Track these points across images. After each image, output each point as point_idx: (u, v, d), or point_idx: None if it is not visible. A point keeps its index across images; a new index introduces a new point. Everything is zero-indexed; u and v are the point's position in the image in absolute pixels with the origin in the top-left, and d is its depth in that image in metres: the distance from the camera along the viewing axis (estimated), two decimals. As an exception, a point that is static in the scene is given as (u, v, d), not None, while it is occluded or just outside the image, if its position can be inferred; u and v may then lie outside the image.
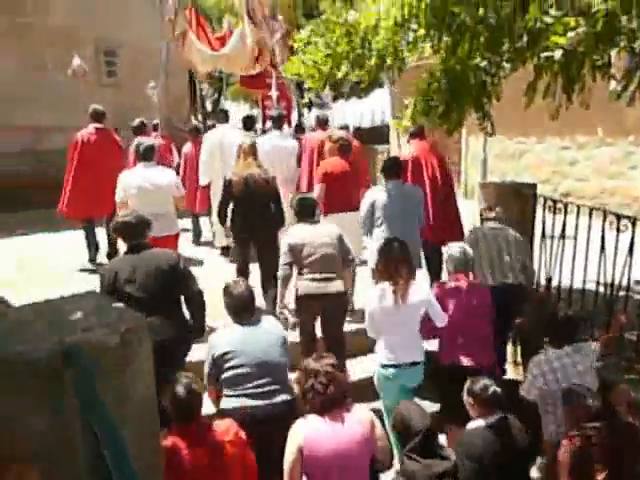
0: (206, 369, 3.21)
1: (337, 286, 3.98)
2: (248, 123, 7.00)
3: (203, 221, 7.49)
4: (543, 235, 5.02)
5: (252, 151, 4.93)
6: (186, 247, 6.72)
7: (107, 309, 1.86)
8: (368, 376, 3.91)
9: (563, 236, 4.88)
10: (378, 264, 3.63)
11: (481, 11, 3.48)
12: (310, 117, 15.17)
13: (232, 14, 11.00)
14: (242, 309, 3.27)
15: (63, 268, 6.20)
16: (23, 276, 5.91)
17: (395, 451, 3.14)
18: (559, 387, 3.19)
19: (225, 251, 6.54)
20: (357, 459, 2.62)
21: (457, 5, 3.52)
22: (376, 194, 4.67)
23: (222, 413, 3.02)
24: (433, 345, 3.84)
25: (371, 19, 3.50)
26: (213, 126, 7.23)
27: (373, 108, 18.09)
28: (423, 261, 4.97)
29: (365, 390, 3.86)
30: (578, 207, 4.79)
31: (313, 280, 3.96)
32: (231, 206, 4.84)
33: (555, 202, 4.86)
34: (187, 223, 7.42)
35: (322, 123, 6.77)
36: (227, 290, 3.33)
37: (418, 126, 5.09)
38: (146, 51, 10.23)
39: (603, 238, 4.48)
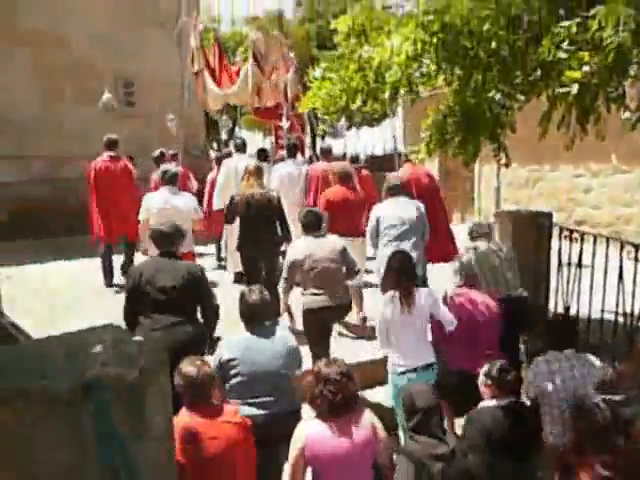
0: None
1: (339, 299, 4.18)
2: (262, 155, 7.51)
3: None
4: (560, 264, 4.99)
5: (256, 173, 5.28)
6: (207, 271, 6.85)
7: (126, 342, 1.88)
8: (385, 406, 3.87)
9: (580, 265, 4.84)
10: (384, 275, 3.82)
11: (493, 44, 3.54)
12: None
13: (245, 49, 11.32)
14: (252, 317, 3.33)
15: (80, 295, 6.26)
16: (43, 304, 5.95)
17: (401, 434, 3.26)
18: (554, 388, 3.23)
19: (239, 277, 6.61)
20: (359, 462, 2.67)
21: (469, 39, 3.58)
22: (381, 210, 4.89)
23: None
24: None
25: (384, 55, 3.57)
26: (229, 154, 7.54)
27: (385, 136, 18.26)
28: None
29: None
30: (595, 237, 4.76)
31: (315, 294, 4.16)
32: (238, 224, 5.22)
33: (572, 232, 4.84)
34: (205, 249, 7.67)
35: (325, 153, 7.15)
36: (242, 298, 3.40)
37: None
38: (163, 82, 10.48)
39: (621, 268, 4.44)
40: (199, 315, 3.72)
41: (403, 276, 3.64)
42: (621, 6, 2.51)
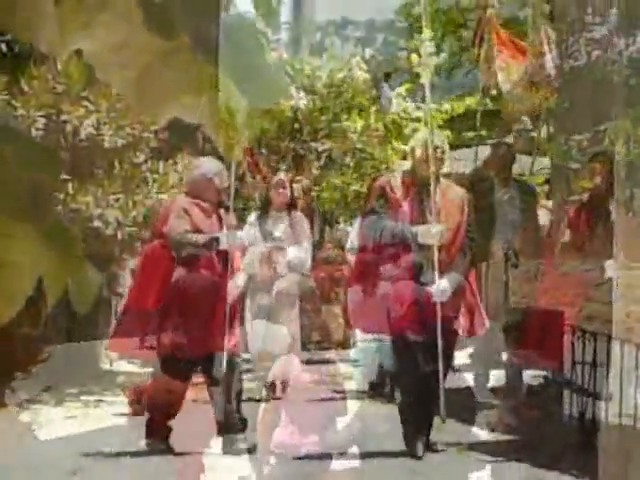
0: None
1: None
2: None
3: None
4: (573, 364, 4.88)
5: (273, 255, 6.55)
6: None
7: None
8: None
9: (594, 364, 4.74)
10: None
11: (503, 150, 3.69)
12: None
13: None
14: None
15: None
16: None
17: None
18: None
19: None
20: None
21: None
22: None
23: None
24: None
25: (398, 157, 3.73)
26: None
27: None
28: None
29: None
30: (609, 337, 4.70)
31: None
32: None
33: (585, 332, 4.78)
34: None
35: (331, 242, 8.90)
36: None
37: None
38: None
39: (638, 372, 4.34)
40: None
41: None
42: (628, 122, 2.64)
